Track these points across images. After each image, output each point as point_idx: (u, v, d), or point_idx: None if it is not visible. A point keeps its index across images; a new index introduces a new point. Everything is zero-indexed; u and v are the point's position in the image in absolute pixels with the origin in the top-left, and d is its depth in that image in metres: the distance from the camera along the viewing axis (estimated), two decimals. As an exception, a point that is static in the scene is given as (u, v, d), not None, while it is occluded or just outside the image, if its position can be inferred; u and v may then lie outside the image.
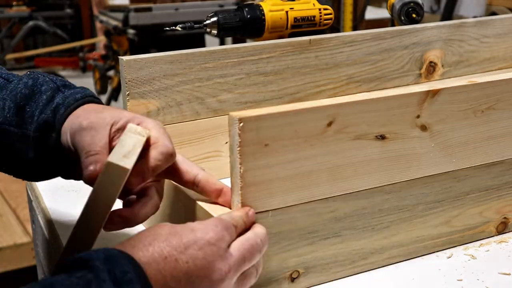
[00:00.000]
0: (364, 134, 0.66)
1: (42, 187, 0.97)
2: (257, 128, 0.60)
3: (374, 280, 0.72)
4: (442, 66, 1.20)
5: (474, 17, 1.89)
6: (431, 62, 1.18)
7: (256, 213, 0.63)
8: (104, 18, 3.40)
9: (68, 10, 4.80)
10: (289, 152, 0.63)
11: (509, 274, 0.72)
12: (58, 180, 0.98)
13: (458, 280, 0.71)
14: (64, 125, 0.66)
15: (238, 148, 0.59)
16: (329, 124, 0.63)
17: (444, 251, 0.77)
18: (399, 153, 0.69)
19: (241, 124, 0.59)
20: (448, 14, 2.39)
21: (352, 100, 0.64)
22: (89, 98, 0.68)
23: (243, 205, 0.62)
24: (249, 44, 0.98)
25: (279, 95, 1.02)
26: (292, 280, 0.68)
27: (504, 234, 0.81)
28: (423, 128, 0.69)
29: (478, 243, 0.79)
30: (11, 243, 2.08)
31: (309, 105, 0.62)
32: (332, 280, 0.71)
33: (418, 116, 0.69)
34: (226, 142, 0.92)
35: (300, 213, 0.66)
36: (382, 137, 0.67)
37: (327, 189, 0.66)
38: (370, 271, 0.73)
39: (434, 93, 0.68)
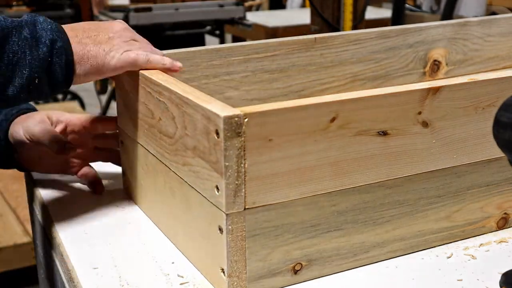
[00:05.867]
0: (366, 130, 0.68)
1: (42, 187, 0.98)
2: (262, 123, 0.61)
3: (374, 278, 0.73)
4: (446, 64, 1.21)
5: (475, 17, 1.89)
6: (435, 60, 1.20)
7: (260, 206, 0.65)
8: (104, 18, 3.41)
9: (68, 10, 4.81)
10: (292, 147, 0.64)
11: (509, 274, 0.73)
12: (58, 180, 0.99)
13: (458, 280, 0.71)
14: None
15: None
16: (332, 120, 0.65)
17: (445, 251, 0.78)
18: (401, 149, 0.71)
19: (246, 120, 0.60)
20: (448, 14, 2.39)
21: (355, 97, 0.66)
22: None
23: (247, 199, 0.64)
24: (255, 42, 1.00)
25: (284, 92, 1.04)
26: (295, 272, 0.70)
27: (504, 234, 0.82)
28: (425, 124, 0.71)
29: (478, 243, 0.80)
30: (11, 243, 2.08)
31: (312, 101, 0.64)
32: (334, 273, 0.73)
33: (419, 113, 0.70)
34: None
35: (303, 206, 0.67)
36: (384, 133, 0.69)
37: (330, 184, 0.68)
38: (372, 266, 0.74)
39: (435, 90, 0.70)
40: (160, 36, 3.14)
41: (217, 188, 0.63)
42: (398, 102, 0.68)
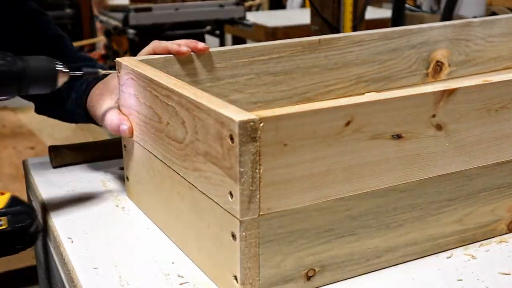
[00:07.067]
0: (381, 133, 0.67)
1: (42, 187, 0.97)
2: (277, 128, 0.60)
3: (373, 277, 0.72)
4: (449, 65, 1.21)
5: (474, 17, 1.89)
6: (438, 61, 1.19)
7: (274, 212, 0.63)
8: (104, 18, 3.39)
9: (68, 10, 4.80)
10: (307, 152, 0.63)
11: (509, 274, 0.72)
12: (58, 180, 0.99)
13: (458, 280, 0.71)
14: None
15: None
16: (347, 124, 0.64)
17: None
18: (415, 152, 0.70)
19: (261, 124, 0.59)
20: (448, 14, 2.39)
21: (370, 100, 0.64)
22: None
23: (262, 205, 0.62)
24: (259, 44, 0.98)
25: (288, 95, 1.03)
26: (308, 278, 0.69)
27: (504, 234, 0.81)
28: (438, 127, 0.70)
29: (479, 243, 0.79)
30: (11, 243, 2.08)
31: (328, 105, 0.63)
32: (346, 279, 0.71)
33: (433, 116, 0.69)
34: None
35: (317, 211, 0.66)
36: (398, 137, 0.68)
37: (344, 188, 0.67)
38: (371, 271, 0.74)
39: (449, 92, 0.69)
40: (160, 36, 3.13)
41: (231, 194, 0.62)
42: (413, 105, 0.67)
